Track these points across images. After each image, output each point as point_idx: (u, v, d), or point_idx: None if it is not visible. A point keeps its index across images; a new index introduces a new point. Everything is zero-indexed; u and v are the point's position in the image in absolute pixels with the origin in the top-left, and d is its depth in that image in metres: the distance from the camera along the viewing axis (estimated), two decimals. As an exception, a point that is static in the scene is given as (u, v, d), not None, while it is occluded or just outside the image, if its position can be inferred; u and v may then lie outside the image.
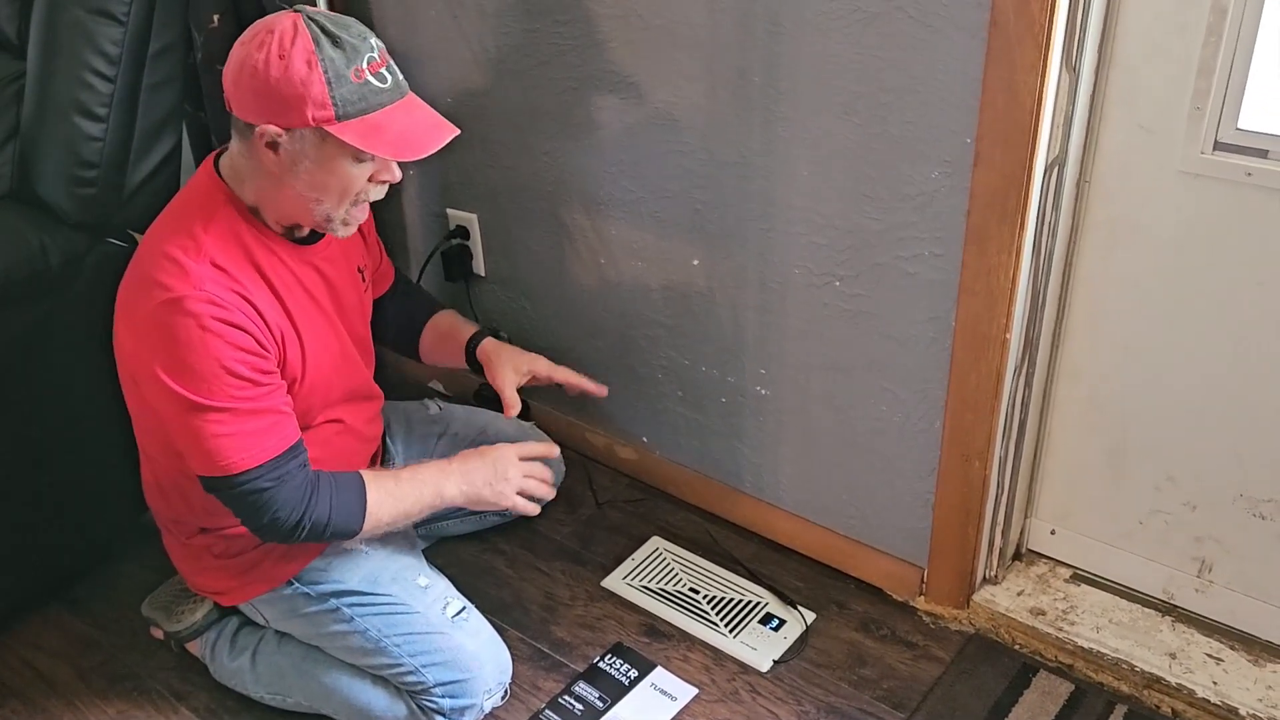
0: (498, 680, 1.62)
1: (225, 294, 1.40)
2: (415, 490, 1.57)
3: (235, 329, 1.39)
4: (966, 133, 1.46)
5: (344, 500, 1.50)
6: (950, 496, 1.71)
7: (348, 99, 1.34)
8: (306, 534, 1.47)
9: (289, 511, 1.45)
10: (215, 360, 1.38)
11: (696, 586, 1.89)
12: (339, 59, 1.34)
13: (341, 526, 1.50)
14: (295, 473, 1.46)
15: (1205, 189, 1.45)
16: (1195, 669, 1.64)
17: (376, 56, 1.38)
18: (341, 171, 1.40)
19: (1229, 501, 1.61)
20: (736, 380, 1.90)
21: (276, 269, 1.50)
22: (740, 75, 1.64)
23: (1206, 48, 1.37)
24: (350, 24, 1.38)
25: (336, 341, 1.61)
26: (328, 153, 1.38)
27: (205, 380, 1.38)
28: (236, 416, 1.40)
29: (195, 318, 1.37)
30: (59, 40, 1.70)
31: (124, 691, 1.75)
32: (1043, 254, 1.55)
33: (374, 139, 1.37)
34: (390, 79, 1.39)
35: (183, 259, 1.40)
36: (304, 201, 1.44)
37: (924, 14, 1.43)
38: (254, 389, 1.42)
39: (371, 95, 1.36)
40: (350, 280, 1.66)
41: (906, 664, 1.73)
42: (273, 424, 1.44)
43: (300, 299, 1.53)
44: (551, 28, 1.83)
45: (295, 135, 1.37)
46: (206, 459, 1.41)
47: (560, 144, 1.93)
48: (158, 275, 1.39)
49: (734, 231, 1.77)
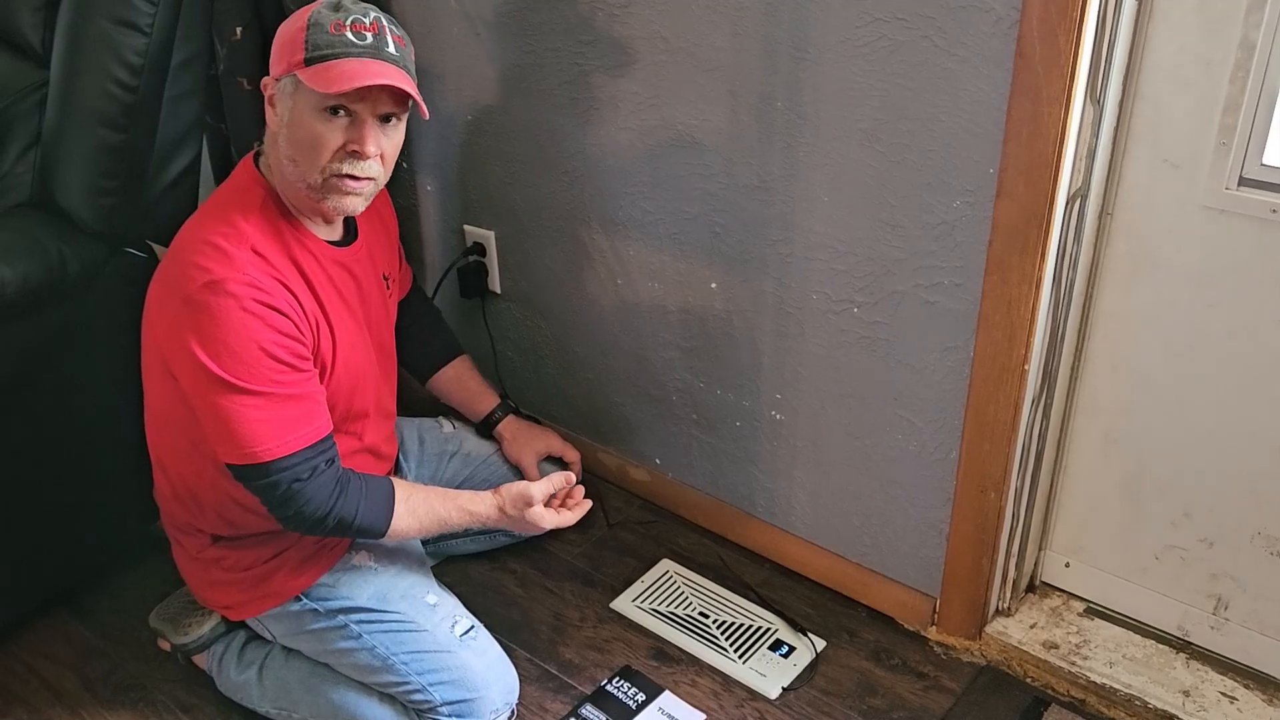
0: (504, 700, 1.61)
1: (266, 279, 1.41)
2: (442, 509, 1.60)
3: (276, 312, 1.41)
4: (989, 163, 1.45)
5: (372, 506, 1.52)
6: (965, 527, 1.70)
7: (318, 44, 1.39)
8: (333, 530, 1.50)
9: (316, 506, 1.46)
10: (255, 342, 1.39)
11: (706, 611, 1.88)
12: (325, 14, 1.40)
13: (365, 528, 1.52)
14: (325, 467, 1.47)
15: (1229, 225, 1.45)
16: (1209, 707, 1.63)
17: (366, 21, 1.41)
18: (310, 125, 1.42)
19: (1246, 539, 1.60)
20: (752, 404, 1.89)
21: (311, 264, 1.51)
22: (763, 100, 1.64)
23: (1233, 83, 1.37)
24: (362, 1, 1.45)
25: (363, 345, 1.62)
26: (299, 102, 1.42)
27: (244, 362, 1.39)
28: (272, 401, 1.41)
29: (236, 299, 1.38)
30: (83, 50, 1.71)
31: (129, 702, 1.75)
32: (1063, 286, 1.54)
33: (319, 76, 1.38)
34: (370, 39, 1.41)
35: (224, 244, 1.42)
36: (290, 165, 1.45)
37: (950, 43, 1.42)
38: (292, 374, 1.43)
39: (340, 44, 1.39)
40: (377, 286, 1.67)
41: (917, 694, 1.72)
42: (307, 412, 1.45)
43: (333, 297, 1.54)
44: (575, 48, 1.83)
45: (280, 86, 1.43)
46: (239, 445, 1.41)
47: (580, 164, 1.93)
48: (199, 260, 1.41)
49: (753, 256, 1.76)
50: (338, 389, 1.56)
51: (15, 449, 1.74)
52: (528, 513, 1.63)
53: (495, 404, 1.97)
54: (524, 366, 2.26)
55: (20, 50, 1.82)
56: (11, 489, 1.75)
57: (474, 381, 2.00)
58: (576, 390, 2.19)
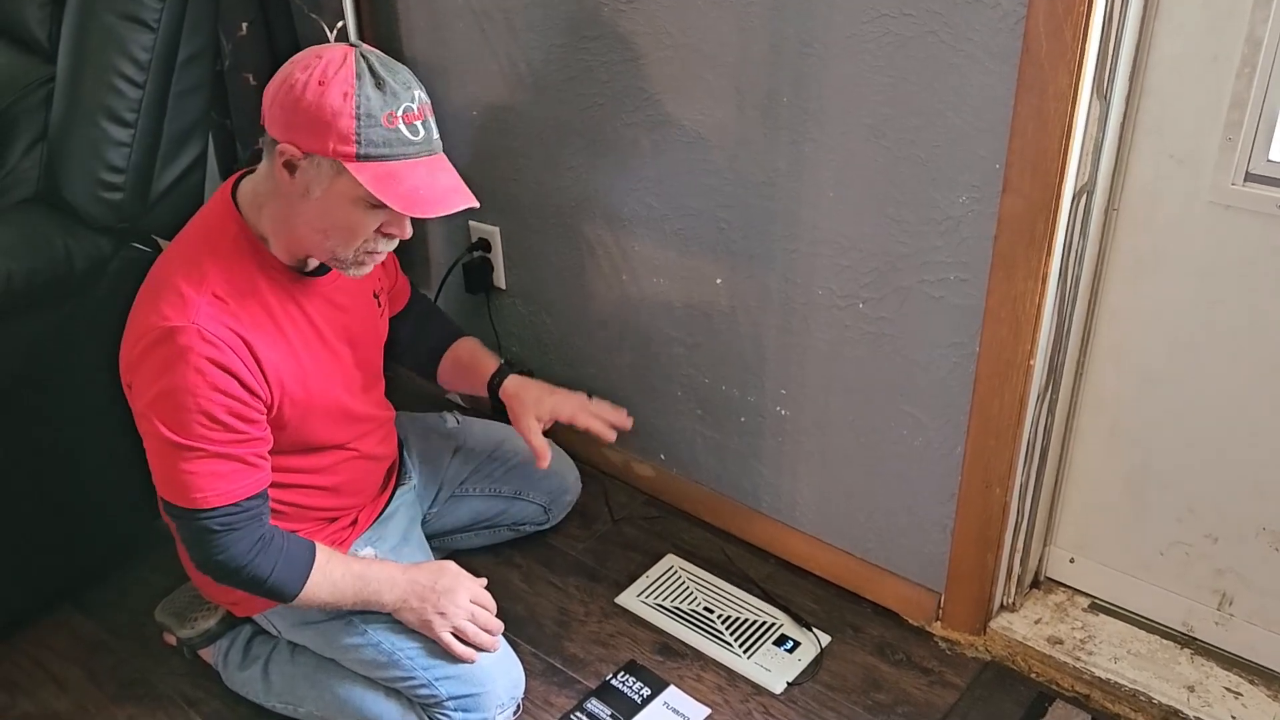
0: (510, 695, 1.61)
1: (220, 330, 1.39)
2: (356, 586, 1.54)
3: (221, 370, 1.38)
4: (995, 158, 1.45)
5: (288, 568, 1.49)
6: (969, 522, 1.70)
7: (373, 140, 1.32)
8: (244, 583, 1.47)
9: (230, 557, 1.44)
10: (193, 398, 1.37)
11: (711, 606, 1.89)
12: (375, 99, 1.32)
13: (276, 588, 1.48)
14: (249, 524, 1.45)
15: (1234, 220, 1.45)
16: (1214, 702, 1.63)
17: (415, 109, 1.35)
18: (348, 212, 1.37)
19: (1251, 535, 1.60)
20: (756, 400, 1.90)
21: (283, 303, 1.48)
22: (769, 95, 1.64)
23: (1239, 79, 1.37)
24: (400, 70, 1.36)
25: (341, 375, 1.60)
26: (339, 189, 1.35)
27: (179, 417, 1.38)
28: (200, 457, 1.40)
29: (183, 352, 1.36)
30: (90, 45, 1.71)
31: (135, 696, 1.75)
32: (1069, 281, 1.55)
33: (386, 186, 1.33)
34: (423, 134, 1.36)
35: (185, 289, 1.39)
36: (312, 233, 1.41)
37: (956, 39, 1.42)
38: (225, 434, 1.41)
39: (397, 143, 1.34)
40: (365, 307, 1.65)
41: (921, 689, 1.72)
42: (236, 471, 1.43)
43: (305, 334, 1.52)
44: (580, 44, 1.83)
45: (313, 161, 1.34)
46: (170, 487, 1.42)
47: (585, 159, 1.93)
48: (159, 303, 1.40)
49: (758, 251, 1.76)
50: (316, 423, 1.56)
51: (21, 444, 1.74)
52: (456, 579, 1.60)
53: (495, 367, 1.83)
54: (529, 361, 2.26)
55: (27, 45, 1.83)
56: (18, 484, 1.75)
57: (470, 355, 1.87)
58: (581, 386, 2.16)
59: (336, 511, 1.67)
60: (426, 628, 1.56)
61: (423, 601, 1.56)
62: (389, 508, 1.76)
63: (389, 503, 1.77)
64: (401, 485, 1.81)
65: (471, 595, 1.60)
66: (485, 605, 1.61)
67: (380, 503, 1.76)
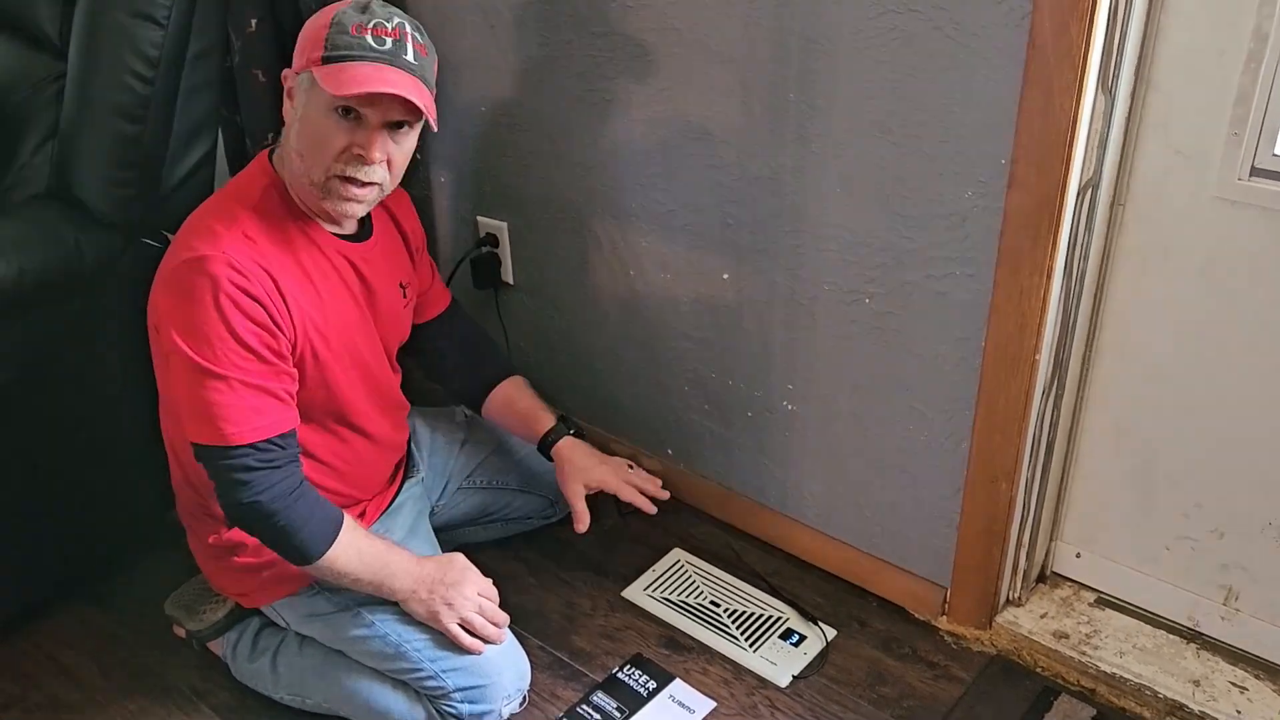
0: (516, 687, 1.62)
1: (249, 263, 1.42)
2: (376, 565, 1.55)
3: (251, 299, 1.41)
4: (1001, 153, 1.45)
5: (321, 525, 1.49)
6: (975, 517, 1.71)
7: (336, 45, 1.39)
8: (275, 532, 1.47)
9: (270, 498, 1.44)
10: (225, 325, 1.39)
11: (717, 600, 1.89)
12: (351, 15, 1.41)
13: (306, 543, 1.48)
14: (287, 465, 1.46)
15: (1240, 215, 1.45)
16: (1219, 697, 1.63)
17: (388, 26, 1.41)
18: (319, 124, 1.42)
19: (1257, 530, 1.60)
20: (763, 395, 1.90)
21: (310, 252, 1.52)
22: (775, 91, 1.64)
23: (1245, 74, 1.37)
24: (395, 9, 1.44)
25: (366, 332, 1.62)
26: (312, 99, 1.42)
27: (211, 344, 1.40)
28: (233, 388, 1.41)
29: (213, 280, 1.39)
30: (100, 42, 1.72)
31: (145, 688, 1.76)
32: (1074, 276, 1.55)
33: (331, 77, 1.38)
34: (390, 45, 1.41)
35: (217, 227, 1.44)
36: (298, 159, 1.46)
37: (962, 34, 1.43)
38: (258, 364, 1.43)
39: (357, 47, 1.39)
40: (390, 290, 1.67)
41: (927, 683, 1.72)
42: (270, 405, 1.44)
43: (333, 284, 1.55)
44: (587, 40, 1.84)
45: (299, 80, 1.44)
46: (204, 424, 1.42)
47: (593, 155, 1.94)
48: (191, 239, 1.44)
49: (764, 246, 1.77)
50: (339, 372, 1.56)
51: (33, 438, 1.75)
52: (465, 573, 1.62)
53: (551, 425, 1.86)
54: (537, 357, 2.27)
55: (38, 42, 1.84)
56: (30, 477, 1.77)
57: (525, 401, 1.89)
58: (589, 380, 2.19)
59: (346, 500, 1.67)
60: (434, 619, 1.57)
61: (431, 593, 1.57)
62: (397, 500, 1.77)
63: (397, 495, 1.78)
64: (409, 478, 1.83)
65: (479, 588, 1.61)
66: (492, 598, 1.62)
67: (388, 495, 1.77)
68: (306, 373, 1.52)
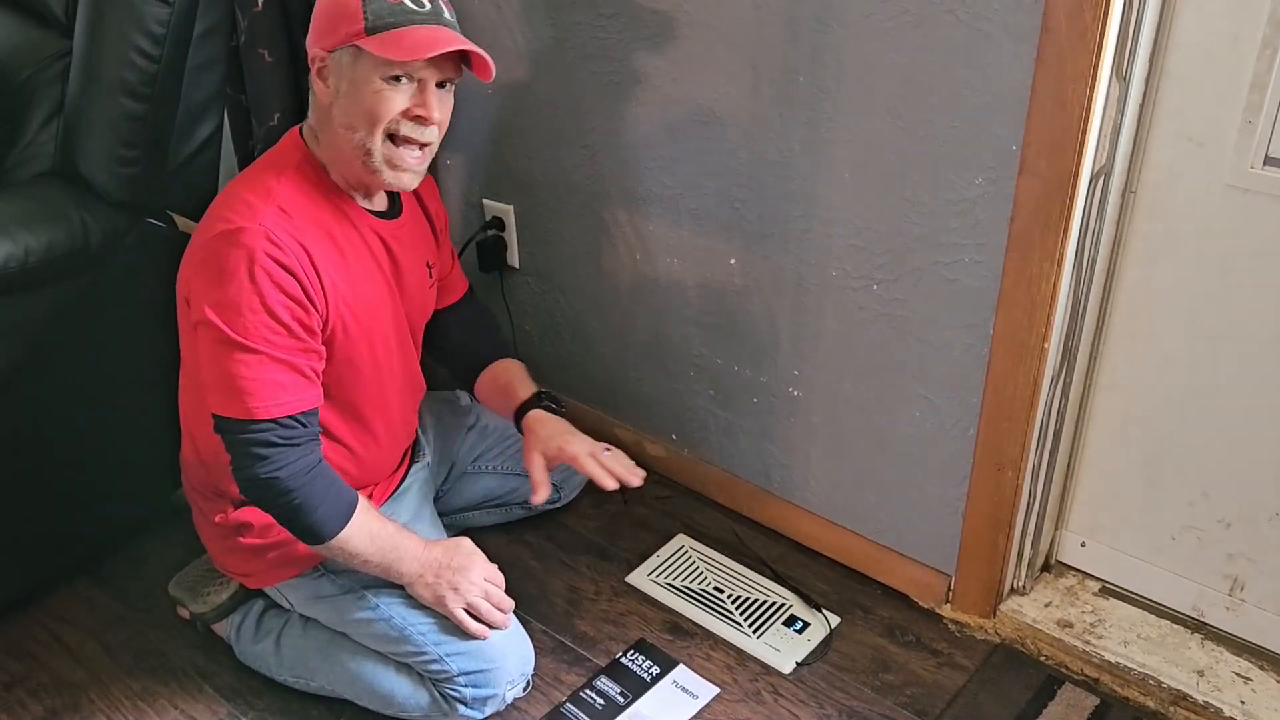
0: (520, 671, 1.62)
1: (284, 236, 1.42)
2: (386, 547, 1.55)
3: (285, 271, 1.41)
4: (1013, 139, 1.44)
5: (336, 504, 1.49)
6: (981, 505, 1.70)
7: (378, 13, 1.38)
8: (290, 510, 1.46)
9: (285, 477, 1.44)
10: (258, 297, 1.39)
11: (721, 585, 1.89)
12: None
13: (320, 523, 1.48)
14: (307, 443, 1.47)
15: (1253, 204, 1.44)
16: (1223, 687, 1.63)
17: None
18: (369, 95, 1.41)
19: (1264, 520, 1.59)
20: (769, 380, 1.90)
21: (343, 227, 1.52)
22: (785, 74, 1.63)
23: (1260, 61, 1.36)
24: None
25: (393, 309, 1.63)
26: (359, 74, 1.41)
27: (242, 315, 1.39)
28: (261, 362, 1.41)
29: (248, 251, 1.39)
30: (106, 19, 1.71)
31: (149, 668, 1.77)
32: (1085, 264, 1.54)
33: (388, 43, 1.38)
34: (429, 7, 1.41)
35: (251, 200, 1.44)
36: (345, 132, 1.45)
37: (974, 18, 1.42)
38: (287, 338, 1.43)
39: (401, 13, 1.39)
40: (418, 269, 1.68)
41: (930, 671, 1.72)
42: (296, 381, 1.44)
43: (363, 258, 1.55)
44: (595, 21, 1.83)
45: (334, 57, 1.42)
46: (228, 396, 1.42)
47: (600, 138, 1.93)
48: (225, 212, 1.43)
49: (772, 231, 1.76)
50: (360, 349, 1.56)
51: (37, 417, 1.75)
52: (471, 557, 1.61)
53: (526, 397, 1.80)
54: (542, 341, 2.26)
55: (44, 19, 1.83)
56: (34, 457, 1.76)
57: (507, 377, 1.84)
58: (594, 365, 2.19)
59: (357, 482, 1.67)
60: (440, 603, 1.57)
61: (437, 577, 1.57)
62: (403, 484, 1.77)
63: (403, 479, 1.78)
64: (416, 462, 1.82)
65: (484, 573, 1.61)
66: (497, 583, 1.62)
67: (395, 479, 1.77)
68: (335, 348, 1.52)
